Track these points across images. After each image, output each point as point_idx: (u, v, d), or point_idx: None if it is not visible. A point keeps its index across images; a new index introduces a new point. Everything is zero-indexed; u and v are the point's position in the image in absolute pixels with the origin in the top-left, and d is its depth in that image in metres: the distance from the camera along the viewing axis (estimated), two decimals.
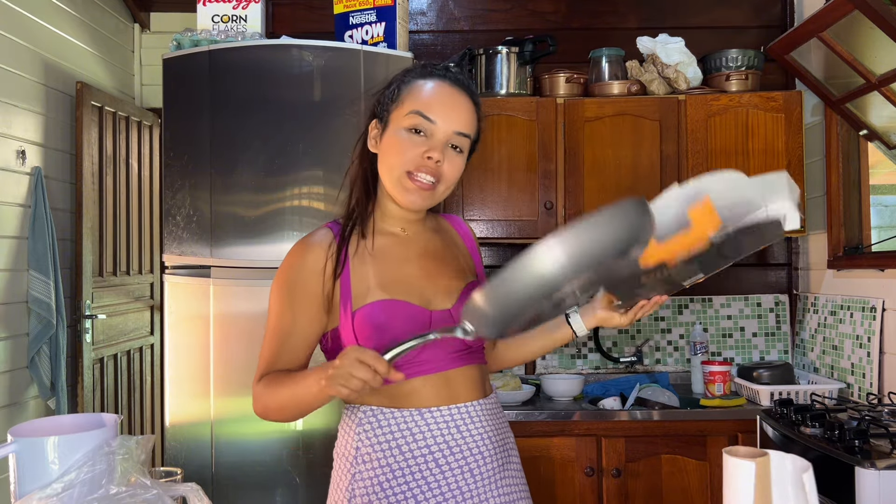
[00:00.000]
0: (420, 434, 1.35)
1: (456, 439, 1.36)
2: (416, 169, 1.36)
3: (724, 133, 2.88)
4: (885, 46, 2.32)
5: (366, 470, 1.35)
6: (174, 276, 2.54)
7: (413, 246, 1.46)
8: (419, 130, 1.36)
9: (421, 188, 1.36)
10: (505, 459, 1.43)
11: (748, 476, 0.90)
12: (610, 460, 2.57)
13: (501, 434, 1.44)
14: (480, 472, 1.36)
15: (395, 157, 1.37)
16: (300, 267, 1.39)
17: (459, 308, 1.39)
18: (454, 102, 1.38)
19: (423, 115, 1.36)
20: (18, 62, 3.19)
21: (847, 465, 1.83)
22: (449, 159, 1.37)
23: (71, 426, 1.16)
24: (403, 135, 1.37)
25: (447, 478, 1.34)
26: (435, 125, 1.36)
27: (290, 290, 1.39)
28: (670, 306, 3.19)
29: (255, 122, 2.54)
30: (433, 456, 1.34)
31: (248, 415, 2.52)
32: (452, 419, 1.37)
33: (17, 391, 3.17)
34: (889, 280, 2.51)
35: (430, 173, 1.36)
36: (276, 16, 3.24)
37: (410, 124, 1.36)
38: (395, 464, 1.34)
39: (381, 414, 1.36)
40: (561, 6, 3.28)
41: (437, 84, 1.39)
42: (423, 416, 1.36)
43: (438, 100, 1.37)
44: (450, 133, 1.37)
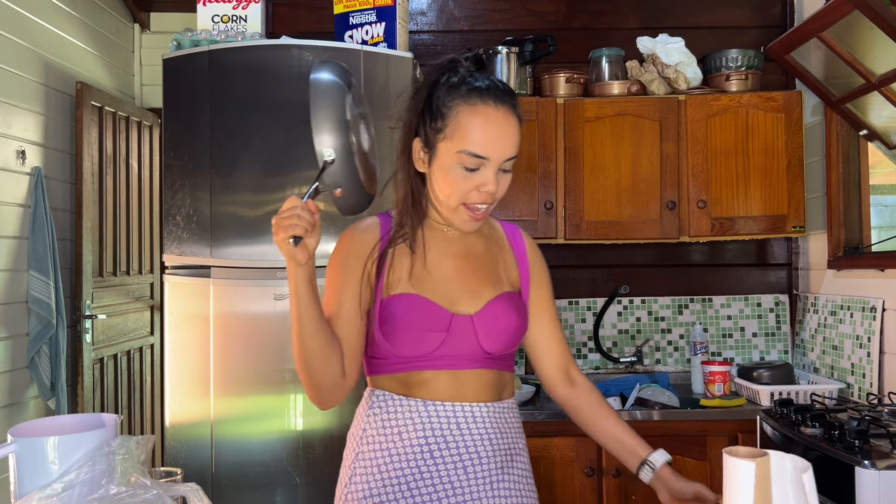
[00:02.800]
0: (420, 424, 1.38)
1: (454, 435, 1.38)
2: (474, 202, 1.39)
3: (724, 133, 2.88)
4: (885, 46, 2.32)
5: (369, 451, 1.41)
6: (174, 276, 2.54)
7: (453, 246, 1.48)
8: (472, 168, 1.37)
9: (477, 217, 1.41)
10: (507, 463, 1.42)
11: (748, 476, 0.90)
12: (610, 460, 2.57)
13: (507, 438, 1.44)
14: (475, 471, 1.38)
15: (450, 190, 1.39)
16: (345, 250, 1.46)
17: (482, 316, 1.41)
18: (504, 131, 1.37)
19: (475, 154, 1.36)
20: (18, 62, 3.19)
21: (847, 465, 1.83)
22: (500, 181, 1.39)
23: (71, 426, 1.16)
24: (456, 171, 1.37)
25: (440, 470, 1.36)
26: (488, 160, 1.36)
27: (336, 272, 1.46)
28: (670, 306, 3.20)
29: (255, 122, 2.54)
30: (429, 447, 1.37)
31: (248, 415, 2.53)
32: (455, 415, 1.39)
33: (17, 391, 3.17)
34: (889, 280, 2.51)
35: (486, 201, 1.39)
36: (276, 16, 3.24)
37: (462, 163, 1.37)
38: (395, 449, 1.38)
39: (391, 400, 1.42)
40: (561, 6, 3.28)
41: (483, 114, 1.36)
42: (426, 408, 1.39)
43: (488, 134, 1.36)
44: (501, 162, 1.38)
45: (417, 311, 1.39)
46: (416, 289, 1.41)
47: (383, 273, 1.43)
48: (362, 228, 1.48)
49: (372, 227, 1.48)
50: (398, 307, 1.39)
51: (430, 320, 1.39)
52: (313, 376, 1.37)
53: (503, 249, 1.54)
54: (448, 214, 1.43)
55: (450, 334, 1.39)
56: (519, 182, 2.87)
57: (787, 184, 2.87)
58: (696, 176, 2.87)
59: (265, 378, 2.52)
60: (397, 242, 1.45)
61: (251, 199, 2.53)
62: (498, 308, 1.43)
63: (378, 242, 1.45)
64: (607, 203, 2.89)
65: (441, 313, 1.39)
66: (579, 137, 2.88)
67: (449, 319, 1.39)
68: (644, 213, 2.88)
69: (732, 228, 2.87)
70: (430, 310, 1.39)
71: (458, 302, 1.42)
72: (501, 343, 1.42)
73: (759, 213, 2.87)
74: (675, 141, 2.88)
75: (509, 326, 1.43)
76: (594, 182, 2.88)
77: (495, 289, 1.46)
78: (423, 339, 1.39)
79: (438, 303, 1.40)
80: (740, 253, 3.24)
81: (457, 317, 1.40)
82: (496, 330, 1.42)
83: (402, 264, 1.43)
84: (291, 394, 2.52)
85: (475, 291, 1.44)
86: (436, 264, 1.44)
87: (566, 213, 2.87)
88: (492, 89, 1.38)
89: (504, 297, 1.45)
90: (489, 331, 1.41)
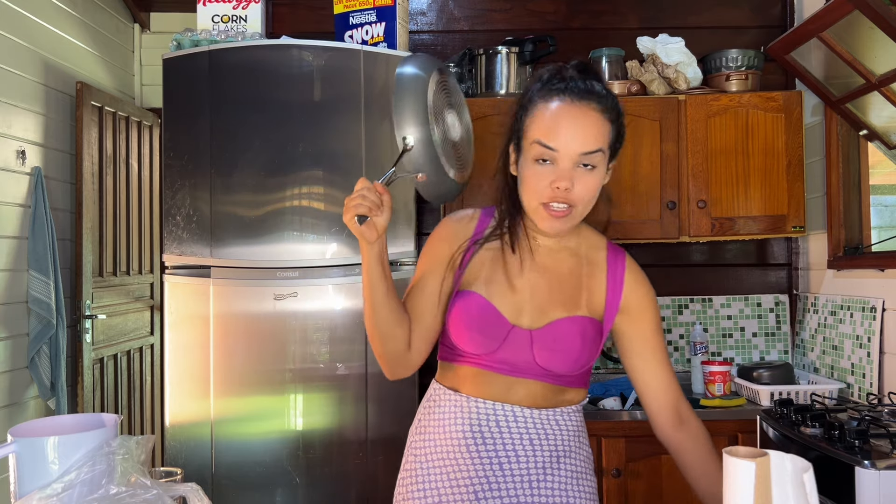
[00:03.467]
0: (461, 418, 1.42)
1: (493, 432, 1.40)
2: (549, 200, 1.36)
3: (724, 133, 2.88)
4: (885, 46, 2.32)
5: (419, 440, 1.47)
6: (174, 276, 2.54)
7: (537, 259, 1.46)
8: (544, 160, 1.35)
9: (555, 216, 1.37)
10: (551, 464, 1.41)
11: (748, 476, 0.90)
12: (610, 460, 2.57)
13: (553, 441, 1.42)
14: (512, 469, 1.39)
15: (528, 189, 1.38)
16: (438, 235, 1.50)
17: (541, 334, 1.40)
18: (576, 123, 1.35)
19: (544, 144, 1.35)
20: (18, 62, 3.19)
21: (847, 465, 1.83)
22: (579, 180, 1.35)
23: (71, 426, 1.16)
24: (531, 166, 1.37)
25: (476, 464, 1.39)
26: (557, 153, 1.34)
27: (426, 252, 1.50)
28: (670, 306, 3.20)
29: (255, 122, 2.54)
30: (465, 442, 1.40)
31: (248, 415, 2.53)
32: (495, 413, 1.41)
33: (17, 391, 3.17)
34: (889, 280, 2.51)
35: (562, 201, 1.35)
36: (276, 16, 3.24)
37: (535, 155, 1.36)
38: (440, 440, 1.43)
39: (443, 394, 1.47)
40: (561, 6, 3.28)
41: (556, 105, 1.36)
42: (469, 403, 1.42)
43: (558, 124, 1.35)
44: (574, 156, 1.34)
45: (480, 313, 1.41)
46: (487, 292, 1.42)
47: (464, 267, 1.45)
48: (458, 218, 1.52)
49: (469, 220, 1.50)
50: (464, 304, 1.42)
51: (489, 326, 1.40)
52: (378, 345, 1.42)
53: (594, 274, 1.48)
54: (532, 216, 1.41)
55: (506, 343, 1.40)
56: None
57: (787, 184, 2.87)
58: (696, 176, 2.87)
59: (265, 378, 2.52)
60: (489, 240, 1.46)
61: (251, 199, 2.53)
62: (561, 329, 1.40)
63: (470, 236, 1.47)
64: None
65: (501, 322, 1.40)
66: None
67: (508, 330, 1.40)
68: (644, 213, 2.88)
69: (732, 228, 2.87)
70: (492, 316, 1.41)
71: (522, 315, 1.42)
72: (559, 364, 1.40)
73: (759, 213, 2.87)
74: (675, 141, 2.88)
75: (570, 349, 1.40)
76: None
77: (566, 310, 1.43)
78: (479, 341, 1.41)
79: (502, 312, 1.41)
80: (740, 253, 3.23)
81: (516, 329, 1.40)
82: (554, 350, 1.40)
83: (483, 264, 1.45)
84: (291, 394, 2.52)
85: (543, 309, 1.43)
86: (513, 274, 1.44)
87: None
88: (573, 87, 1.38)
89: (574, 320, 1.42)
90: (546, 349, 1.40)
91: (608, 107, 1.39)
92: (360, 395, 2.53)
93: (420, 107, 1.44)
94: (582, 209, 1.38)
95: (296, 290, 2.53)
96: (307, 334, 2.53)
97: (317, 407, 2.53)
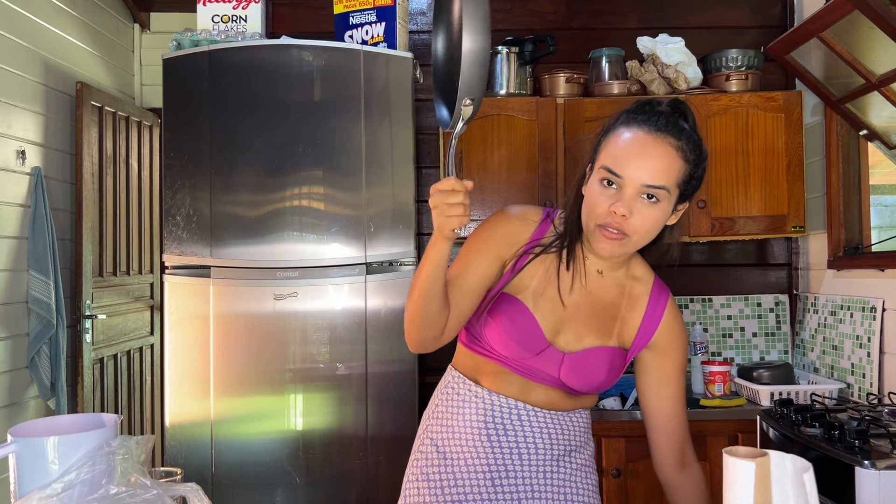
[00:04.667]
0: (482, 409, 1.45)
1: (514, 424, 1.45)
2: (605, 223, 1.35)
3: (725, 133, 2.88)
4: (885, 46, 2.32)
5: (435, 425, 1.50)
6: (174, 276, 2.54)
7: (586, 283, 1.46)
8: (610, 183, 1.34)
9: (609, 238, 1.35)
10: (563, 455, 1.47)
11: (748, 476, 0.90)
12: (610, 460, 2.57)
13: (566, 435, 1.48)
14: (530, 459, 1.44)
15: (588, 208, 1.38)
16: (494, 228, 1.47)
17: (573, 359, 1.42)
18: (646, 154, 1.33)
19: (611, 170, 1.34)
20: (18, 62, 3.19)
21: (847, 465, 1.83)
22: (639, 211, 1.33)
23: (71, 426, 1.16)
24: (596, 187, 1.36)
25: (495, 453, 1.43)
26: (622, 179, 1.33)
27: (476, 242, 1.45)
28: None
29: (255, 122, 2.54)
30: (486, 431, 1.44)
31: (248, 415, 2.53)
32: (517, 409, 1.45)
33: (17, 391, 3.17)
34: (889, 280, 2.51)
35: (617, 227, 1.34)
36: (276, 16, 3.24)
37: (601, 177, 1.36)
38: (457, 427, 1.46)
39: (462, 383, 1.49)
40: (561, 6, 3.28)
41: (633, 134, 1.35)
42: (490, 397, 1.46)
43: (628, 152, 1.33)
44: (638, 186, 1.32)
45: (523, 325, 1.41)
46: (534, 306, 1.43)
47: (516, 271, 1.44)
48: (521, 216, 1.48)
49: (530, 220, 1.48)
50: (510, 312, 1.42)
51: (528, 339, 1.41)
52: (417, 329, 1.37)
53: (634, 308, 1.48)
54: (589, 236, 1.40)
55: (538, 358, 1.42)
56: (519, 182, 2.87)
57: (787, 184, 2.87)
58: None
59: (265, 378, 2.52)
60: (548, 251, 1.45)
61: (251, 199, 2.53)
62: (592, 358, 1.43)
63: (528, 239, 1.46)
64: None
65: (540, 338, 1.42)
66: (579, 137, 2.88)
67: (544, 347, 1.42)
68: None
69: (732, 228, 2.87)
70: (534, 331, 1.42)
71: (559, 336, 1.43)
72: (581, 386, 1.44)
73: (759, 213, 2.87)
74: None
75: (595, 378, 1.44)
76: None
77: (600, 339, 1.45)
78: (513, 349, 1.42)
79: (543, 328, 1.42)
80: (740, 253, 3.23)
81: (551, 348, 1.42)
82: (581, 375, 1.43)
83: (535, 274, 1.44)
84: (291, 394, 2.52)
85: (580, 334, 1.44)
86: (562, 293, 1.45)
87: None
88: (655, 120, 1.35)
89: (605, 351, 1.44)
90: (574, 373, 1.43)
91: (687, 146, 1.35)
92: (360, 395, 2.53)
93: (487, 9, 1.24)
94: (637, 240, 1.36)
95: (296, 290, 2.53)
96: (307, 334, 2.53)
97: (317, 407, 2.53)
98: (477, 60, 1.23)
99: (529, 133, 2.87)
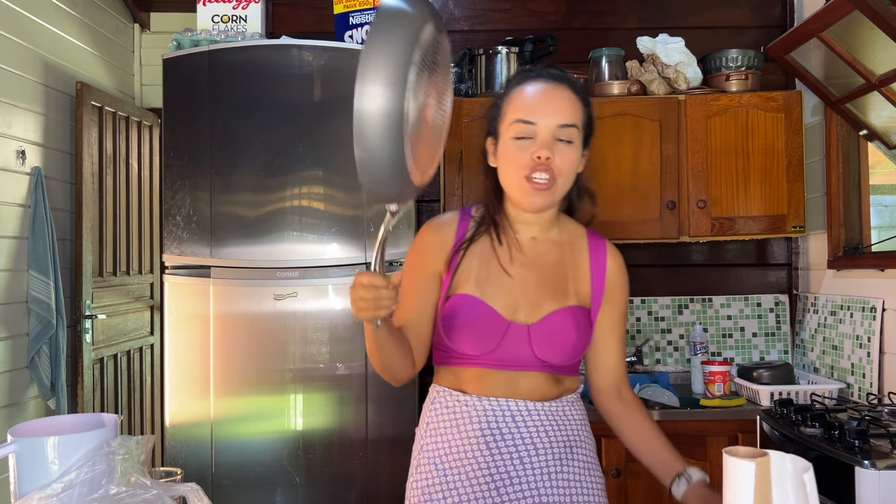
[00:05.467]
0: (477, 417, 1.43)
1: (510, 427, 1.42)
2: (531, 171, 1.39)
3: (724, 133, 2.88)
4: (885, 46, 2.32)
5: (431, 442, 1.47)
6: (174, 276, 2.54)
7: (523, 253, 1.48)
8: (525, 136, 1.40)
9: (539, 189, 1.40)
10: (566, 454, 1.45)
11: (748, 476, 0.90)
12: (610, 460, 2.57)
13: (565, 430, 1.46)
14: (531, 462, 1.41)
15: (510, 166, 1.42)
16: (420, 245, 1.51)
17: (538, 328, 1.42)
18: (551, 97, 1.41)
19: (523, 120, 1.40)
20: (18, 62, 3.19)
21: (847, 465, 1.83)
22: (559, 153, 1.40)
23: (71, 426, 1.16)
24: (512, 144, 1.41)
25: (496, 461, 1.41)
26: (536, 125, 1.39)
27: (411, 265, 1.50)
28: (670, 306, 3.20)
29: (255, 122, 2.54)
30: (485, 439, 1.41)
31: (248, 415, 2.53)
32: (510, 410, 1.43)
33: (17, 391, 3.17)
34: (889, 280, 2.51)
35: (544, 171, 1.39)
36: (276, 16, 3.24)
37: (515, 133, 1.41)
38: (454, 440, 1.44)
39: (449, 396, 1.47)
40: (561, 6, 3.28)
41: (531, 85, 1.43)
42: (482, 403, 1.43)
43: (534, 100, 1.41)
44: (553, 128, 1.39)
45: (476, 314, 1.42)
46: (479, 292, 1.43)
47: (452, 271, 1.46)
48: (440, 225, 1.51)
49: (449, 224, 1.51)
50: (459, 307, 1.43)
51: (486, 325, 1.42)
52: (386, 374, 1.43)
53: (578, 263, 1.51)
54: (514, 194, 1.44)
55: (504, 341, 1.42)
56: None
57: (787, 184, 2.87)
58: (696, 176, 2.87)
59: (265, 378, 2.52)
60: (475, 240, 1.47)
61: (251, 199, 2.53)
62: (556, 322, 1.44)
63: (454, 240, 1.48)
64: (607, 203, 2.88)
65: (498, 320, 1.42)
66: None
67: (505, 327, 1.42)
68: (644, 213, 2.87)
69: (732, 228, 2.87)
70: (488, 315, 1.42)
71: (517, 311, 1.44)
72: (557, 355, 1.44)
73: (759, 213, 2.87)
74: (675, 141, 2.88)
75: (566, 341, 1.44)
76: (594, 182, 2.85)
77: (558, 302, 1.46)
78: (478, 341, 1.42)
79: (498, 309, 1.42)
80: (740, 253, 3.23)
81: (513, 325, 1.42)
82: (552, 343, 1.43)
83: (471, 265, 1.46)
84: (291, 394, 2.52)
85: (536, 303, 1.45)
86: (503, 270, 1.46)
87: None
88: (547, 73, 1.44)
89: (567, 311, 1.45)
90: (544, 343, 1.43)
91: (581, 91, 1.45)
92: (360, 395, 2.53)
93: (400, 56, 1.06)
94: (562, 183, 1.42)
95: (296, 290, 2.53)
96: (307, 334, 2.53)
97: (317, 407, 2.53)
98: (375, 167, 1.06)
99: None
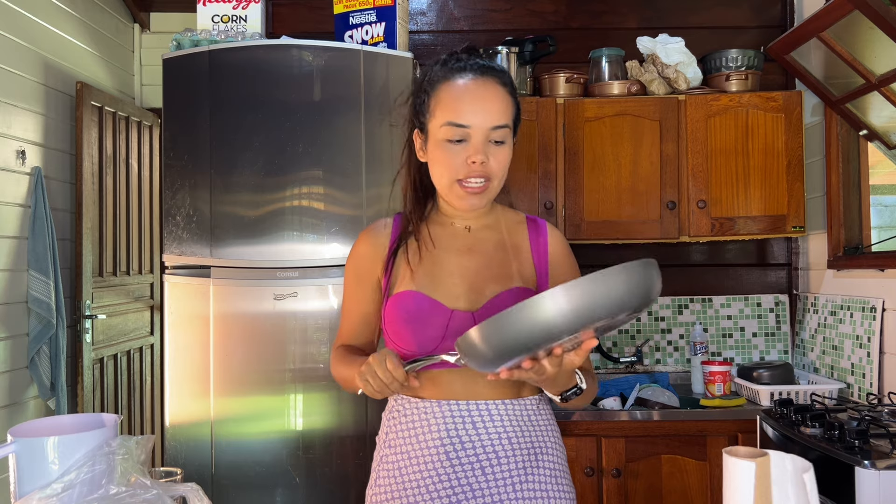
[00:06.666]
0: (436, 426, 1.37)
1: (471, 435, 1.37)
2: (465, 176, 1.38)
3: (724, 133, 2.88)
4: (885, 46, 2.32)
5: (390, 454, 1.42)
6: (174, 276, 2.54)
7: (459, 242, 1.46)
8: (457, 139, 1.37)
9: (472, 192, 1.39)
10: (531, 462, 1.39)
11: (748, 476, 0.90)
12: (610, 460, 2.57)
13: (530, 436, 1.41)
14: (494, 473, 1.36)
15: (442, 169, 1.40)
16: (356, 252, 1.51)
17: (483, 314, 1.37)
18: (481, 97, 1.38)
19: (455, 123, 1.37)
20: (18, 62, 3.19)
21: (847, 465, 1.83)
22: (493, 155, 1.38)
23: (71, 426, 1.16)
24: (444, 146, 1.38)
25: (457, 472, 1.35)
26: (469, 129, 1.37)
27: (350, 273, 1.51)
28: (670, 306, 3.20)
29: (255, 122, 2.54)
30: (445, 449, 1.36)
31: (248, 415, 2.53)
32: (470, 414, 1.37)
33: (17, 391, 3.17)
34: (889, 280, 2.51)
35: (479, 175, 1.38)
36: (276, 16, 3.24)
37: (447, 136, 1.38)
38: (413, 452, 1.39)
39: (406, 403, 1.42)
40: (561, 6, 3.28)
41: (463, 83, 1.39)
42: (441, 408, 1.38)
43: (465, 101, 1.37)
44: (486, 130, 1.37)
45: (417, 308, 1.38)
46: (418, 286, 1.40)
47: (389, 272, 1.44)
48: (374, 230, 1.51)
49: (383, 228, 1.50)
50: (399, 305, 1.40)
51: (429, 317, 1.38)
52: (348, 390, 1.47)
53: (519, 246, 1.48)
54: (447, 196, 1.43)
55: (450, 331, 1.37)
56: (519, 182, 2.87)
57: (787, 184, 2.87)
58: (696, 176, 2.87)
59: (265, 378, 2.52)
60: (405, 239, 1.46)
61: (251, 199, 2.53)
62: (502, 304, 1.37)
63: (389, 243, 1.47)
64: (607, 203, 2.89)
65: (440, 310, 1.38)
66: (579, 137, 2.88)
67: (448, 316, 1.37)
68: (644, 213, 2.88)
69: (732, 228, 2.87)
70: (430, 307, 1.38)
71: (459, 299, 1.40)
72: None
73: (758, 213, 2.87)
74: (675, 141, 2.88)
75: None
76: (594, 182, 2.88)
77: (502, 285, 1.41)
78: (424, 337, 1.37)
79: (439, 300, 1.39)
80: (740, 253, 3.24)
81: (456, 313, 1.38)
82: None
83: (406, 263, 1.44)
84: (291, 394, 2.52)
85: (478, 288, 1.41)
86: (439, 261, 1.43)
87: (566, 213, 2.87)
88: (473, 64, 1.40)
89: (512, 292, 1.40)
90: None
91: (508, 82, 1.42)
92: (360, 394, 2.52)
93: (607, 308, 1.07)
94: (497, 183, 1.41)
95: (296, 290, 2.53)
96: (307, 334, 2.53)
97: (317, 407, 2.53)
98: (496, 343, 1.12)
99: (529, 133, 2.87)
